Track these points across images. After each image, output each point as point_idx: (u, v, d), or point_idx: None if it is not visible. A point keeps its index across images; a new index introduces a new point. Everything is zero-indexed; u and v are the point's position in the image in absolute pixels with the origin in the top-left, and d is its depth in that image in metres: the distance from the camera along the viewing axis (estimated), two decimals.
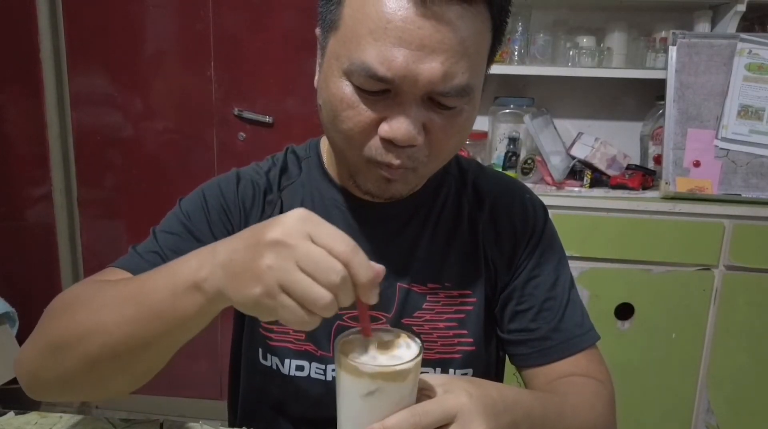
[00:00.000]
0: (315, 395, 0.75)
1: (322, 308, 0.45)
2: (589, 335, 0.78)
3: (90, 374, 0.57)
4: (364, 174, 0.66)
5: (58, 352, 0.57)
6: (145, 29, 2.16)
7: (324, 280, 0.45)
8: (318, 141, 0.82)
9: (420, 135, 0.61)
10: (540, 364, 0.76)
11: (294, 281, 0.45)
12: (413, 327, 0.75)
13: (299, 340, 0.75)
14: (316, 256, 0.45)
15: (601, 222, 1.70)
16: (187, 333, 0.54)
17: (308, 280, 0.45)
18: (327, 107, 0.64)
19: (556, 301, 0.77)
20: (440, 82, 0.58)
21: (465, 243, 0.77)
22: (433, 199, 0.78)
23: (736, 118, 1.77)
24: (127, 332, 0.54)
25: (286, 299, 0.45)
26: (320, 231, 0.46)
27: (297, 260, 0.45)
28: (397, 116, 0.60)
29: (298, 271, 0.45)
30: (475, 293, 0.77)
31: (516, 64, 1.95)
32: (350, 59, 0.59)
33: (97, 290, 0.60)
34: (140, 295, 0.54)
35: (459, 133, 0.64)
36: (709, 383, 1.74)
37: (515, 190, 0.82)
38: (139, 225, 0.73)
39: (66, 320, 0.58)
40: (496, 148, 1.99)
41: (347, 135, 0.63)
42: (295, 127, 2.16)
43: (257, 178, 0.78)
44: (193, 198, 0.77)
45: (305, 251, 0.45)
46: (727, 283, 1.68)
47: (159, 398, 2.33)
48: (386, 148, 0.62)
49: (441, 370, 0.76)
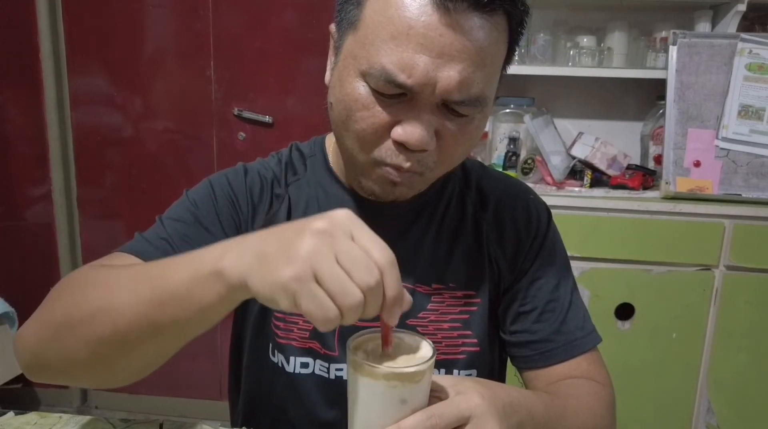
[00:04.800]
0: (319, 393, 0.75)
1: (350, 308, 0.44)
2: (591, 338, 0.78)
3: (93, 357, 0.55)
4: (370, 175, 0.66)
5: (63, 330, 0.55)
6: (144, 29, 2.16)
7: (359, 279, 0.44)
8: (323, 139, 0.81)
9: (432, 140, 0.61)
10: (541, 366, 0.76)
11: (330, 271, 0.44)
12: (418, 328, 0.75)
13: (303, 338, 0.75)
14: (356, 254, 0.44)
15: (602, 222, 1.70)
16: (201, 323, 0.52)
17: (344, 274, 0.44)
18: (340, 106, 0.63)
19: (558, 304, 0.77)
20: (456, 91, 0.58)
21: (469, 244, 0.77)
22: (438, 200, 0.78)
23: (737, 118, 1.77)
24: (139, 314, 0.52)
25: (317, 288, 0.44)
26: (363, 234, 0.46)
27: (337, 252, 0.44)
28: (412, 121, 0.60)
29: (335, 263, 0.44)
30: (480, 294, 0.77)
31: (516, 64, 1.94)
32: (369, 62, 0.59)
33: (108, 271, 0.59)
34: (158, 279, 0.52)
35: (468, 140, 0.65)
36: (709, 383, 1.74)
37: (519, 192, 0.82)
38: (139, 225, 0.72)
39: (75, 298, 0.56)
40: (496, 148, 1.99)
41: (360, 135, 0.62)
42: (295, 126, 2.16)
43: (264, 171, 0.78)
44: (200, 188, 0.76)
45: (347, 246, 0.44)
46: (728, 283, 1.68)
47: (159, 398, 2.33)
48: (398, 151, 0.62)
49: (445, 370, 0.76)
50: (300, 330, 0.75)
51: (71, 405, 2.36)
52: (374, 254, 0.45)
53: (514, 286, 0.78)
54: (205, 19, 2.11)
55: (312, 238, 0.45)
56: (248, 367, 0.81)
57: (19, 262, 2.33)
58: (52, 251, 2.30)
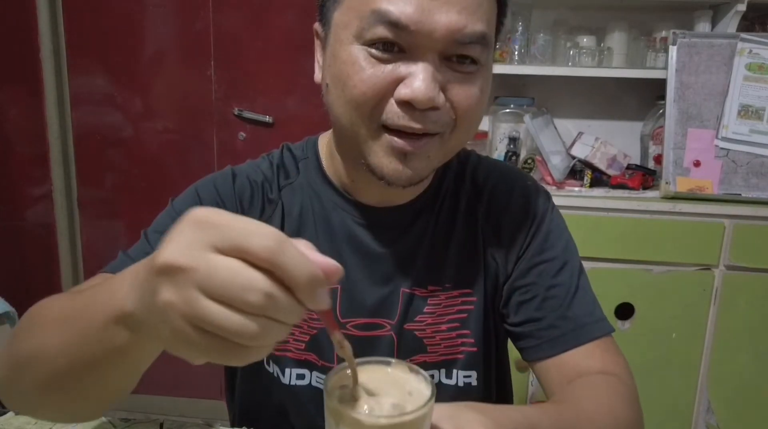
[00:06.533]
0: (316, 405, 0.73)
1: (253, 338, 0.34)
2: (601, 325, 0.72)
3: (47, 398, 0.51)
4: (377, 151, 0.61)
5: (17, 371, 0.52)
6: (144, 29, 2.16)
7: (241, 304, 0.33)
8: (316, 140, 0.78)
9: (440, 95, 0.58)
10: (550, 355, 0.71)
11: (203, 315, 0.34)
12: (415, 331, 0.73)
13: (299, 350, 0.73)
14: (222, 275, 0.33)
15: (602, 222, 1.70)
16: (133, 363, 0.46)
17: (220, 309, 0.33)
18: (336, 79, 0.60)
19: (562, 288, 0.72)
20: (459, 30, 0.56)
21: (462, 240, 0.75)
22: (434, 201, 0.75)
23: (737, 117, 1.77)
24: (68, 358, 0.46)
25: (203, 338, 0.34)
26: (225, 234, 0.34)
27: (199, 286, 0.34)
28: (415, 76, 0.56)
29: (204, 300, 0.34)
30: (476, 292, 0.74)
31: (516, 63, 1.95)
32: (360, 16, 0.57)
33: (52, 305, 0.54)
34: (75, 319, 0.47)
35: (482, 93, 0.61)
36: (709, 383, 1.74)
37: (515, 178, 0.78)
38: (139, 225, 0.71)
39: (22, 339, 0.53)
40: (496, 148, 1.99)
41: (360, 101, 0.58)
42: (295, 126, 2.16)
43: (254, 175, 0.74)
44: (186, 197, 0.73)
45: (206, 271, 0.33)
46: (727, 283, 1.68)
47: (159, 398, 2.33)
48: (404, 112, 0.58)
49: (445, 371, 0.74)
50: (296, 341, 0.73)
51: None
52: (250, 250, 0.34)
53: (513, 275, 0.74)
54: (205, 19, 2.11)
55: (164, 284, 0.35)
56: (242, 376, 0.79)
57: (19, 262, 2.32)
58: (53, 251, 2.30)
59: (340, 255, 0.72)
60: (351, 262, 0.72)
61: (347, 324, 0.72)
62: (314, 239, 0.72)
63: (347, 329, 0.72)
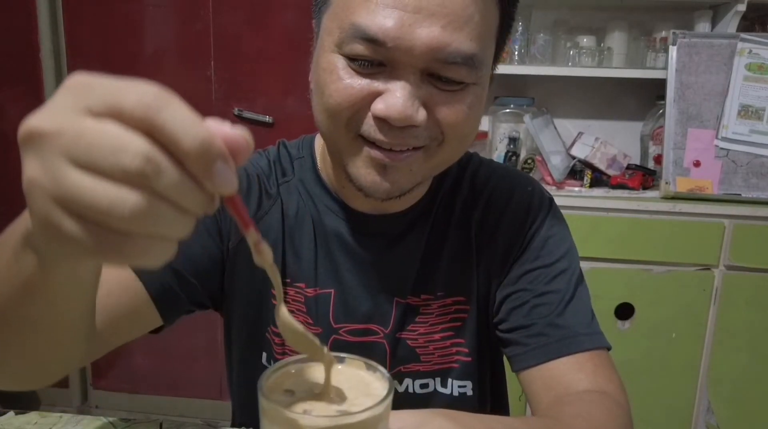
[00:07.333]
0: None
1: (132, 219, 0.27)
2: (595, 338, 0.67)
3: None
4: (355, 161, 0.59)
5: None
6: (145, 29, 2.16)
7: (114, 171, 0.27)
8: (312, 139, 0.76)
9: (419, 113, 0.55)
10: (534, 363, 0.66)
11: (69, 189, 0.27)
12: (408, 341, 0.71)
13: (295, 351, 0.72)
14: (90, 137, 0.27)
15: (601, 222, 1.70)
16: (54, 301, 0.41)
17: (90, 180, 0.27)
18: (316, 85, 0.59)
19: (556, 296, 0.68)
20: (441, 49, 0.53)
21: (456, 247, 0.72)
22: (429, 209, 0.73)
23: (737, 117, 1.77)
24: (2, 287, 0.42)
25: (75, 225, 0.28)
26: (99, 94, 0.28)
27: (66, 153, 0.27)
28: (392, 92, 0.54)
29: (71, 171, 0.27)
30: (469, 300, 0.72)
31: (516, 64, 1.95)
32: (341, 27, 0.55)
33: None
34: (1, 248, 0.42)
35: (470, 109, 0.58)
36: (709, 383, 1.74)
37: (516, 183, 0.75)
38: None
39: None
40: (496, 148, 1.99)
41: (335, 110, 0.56)
42: (295, 127, 2.15)
43: (251, 169, 0.72)
44: None
45: (73, 134, 0.27)
46: (727, 283, 1.68)
47: (159, 398, 2.33)
48: (379, 128, 0.55)
49: (440, 380, 0.73)
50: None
51: (72, 405, 2.36)
52: (125, 108, 0.27)
53: (504, 281, 0.71)
54: (205, 19, 2.11)
55: (28, 156, 0.30)
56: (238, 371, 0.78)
57: None
58: None
59: (334, 259, 0.71)
60: (345, 267, 0.71)
61: (340, 329, 0.71)
62: (310, 240, 0.71)
63: (340, 334, 0.71)
